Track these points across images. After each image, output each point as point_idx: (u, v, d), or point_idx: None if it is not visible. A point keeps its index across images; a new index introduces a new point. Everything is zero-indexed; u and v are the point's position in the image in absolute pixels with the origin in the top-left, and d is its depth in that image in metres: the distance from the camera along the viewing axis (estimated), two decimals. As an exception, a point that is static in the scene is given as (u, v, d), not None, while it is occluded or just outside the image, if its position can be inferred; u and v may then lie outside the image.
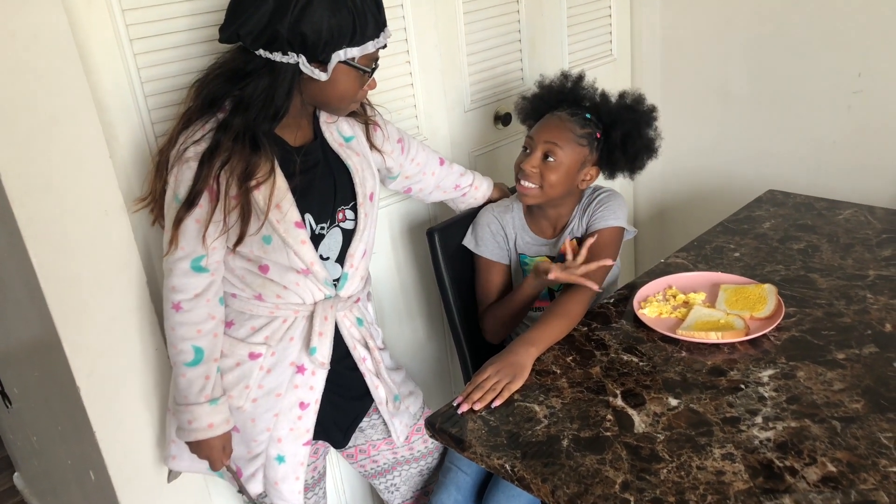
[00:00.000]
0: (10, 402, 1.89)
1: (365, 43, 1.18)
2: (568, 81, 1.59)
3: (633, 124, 1.51)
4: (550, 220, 1.60)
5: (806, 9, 2.00)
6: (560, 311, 1.38)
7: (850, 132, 2.04)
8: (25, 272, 1.25)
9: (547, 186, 1.50)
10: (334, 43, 1.15)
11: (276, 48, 1.15)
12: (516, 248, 1.62)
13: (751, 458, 1.03)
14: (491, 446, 1.12)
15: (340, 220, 1.32)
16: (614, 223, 1.52)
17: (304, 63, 1.16)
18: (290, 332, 1.30)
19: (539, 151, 1.50)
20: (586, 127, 1.51)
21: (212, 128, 1.20)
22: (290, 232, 1.23)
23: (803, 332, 1.31)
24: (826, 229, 1.68)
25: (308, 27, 1.12)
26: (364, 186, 1.34)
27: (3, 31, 1.10)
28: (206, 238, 1.20)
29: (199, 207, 1.19)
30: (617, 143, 1.51)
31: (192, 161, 1.18)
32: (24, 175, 1.17)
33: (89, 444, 1.39)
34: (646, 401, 1.18)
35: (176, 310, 1.22)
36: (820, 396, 1.14)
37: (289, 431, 1.33)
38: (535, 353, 1.31)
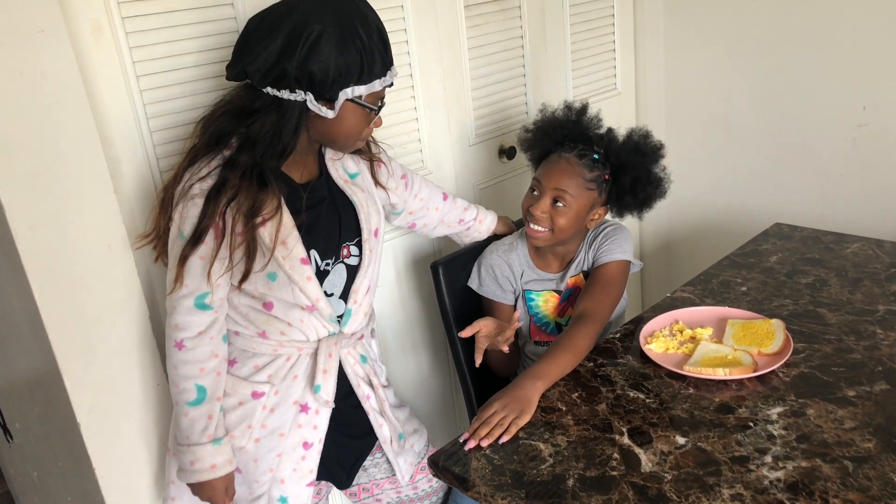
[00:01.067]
0: (11, 437, 1.87)
1: (372, 81, 1.18)
2: (572, 113, 1.58)
3: (642, 168, 1.50)
4: (557, 255, 1.60)
5: (810, 43, 2.01)
6: (567, 344, 1.37)
7: (856, 165, 2.03)
8: (28, 306, 1.25)
9: (557, 230, 1.50)
10: (342, 81, 1.15)
11: (284, 86, 1.15)
12: (522, 285, 1.61)
13: (760, 498, 1.01)
14: (495, 486, 1.10)
15: (345, 256, 1.32)
16: (620, 257, 1.51)
17: (312, 101, 1.17)
18: (294, 371, 1.29)
19: (548, 197, 1.49)
20: (595, 170, 1.50)
21: (218, 165, 1.19)
22: (295, 268, 1.23)
23: (812, 368, 1.29)
24: (834, 263, 1.66)
25: (316, 66, 1.13)
26: (369, 222, 1.34)
27: (11, 67, 1.11)
28: (211, 275, 1.19)
29: (204, 244, 1.18)
30: (626, 188, 1.51)
31: (198, 198, 1.18)
32: (28, 209, 1.17)
33: (88, 481, 1.37)
34: (653, 439, 1.16)
35: (179, 348, 1.21)
36: (830, 435, 1.12)
37: (292, 472, 1.30)
38: (542, 388, 1.29)
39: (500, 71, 1.94)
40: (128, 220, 1.31)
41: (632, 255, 1.54)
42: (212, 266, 1.19)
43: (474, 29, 1.84)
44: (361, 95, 1.19)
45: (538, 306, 1.61)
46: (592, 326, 1.40)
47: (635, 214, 1.57)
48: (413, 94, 1.74)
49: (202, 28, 1.36)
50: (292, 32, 1.12)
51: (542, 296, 1.60)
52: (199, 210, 1.18)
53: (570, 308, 1.58)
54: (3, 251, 1.24)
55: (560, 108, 1.60)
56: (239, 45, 1.19)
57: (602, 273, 1.50)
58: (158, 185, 1.37)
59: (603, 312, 1.44)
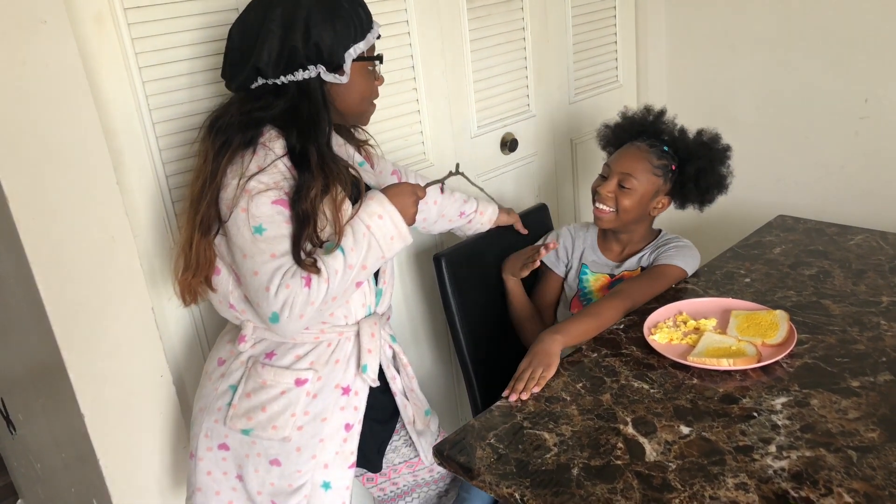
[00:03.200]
0: (14, 429, 1.88)
1: (366, 36, 1.23)
2: (650, 115, 1.68)
3: (708, 160, 1.59)
4: (621, 243, 1.67)
5: (813, 36, 2.00)
6: (593, 310, 1.43)
7: (859, 157, 2.03)
8: (31, 298, 1.25)
9: (621, 211, 1.58)
10: (343, 44, 1.20)
11: (297, 66, 1.18)
12: (581, 258, 1.69)
13: (765, 487, 1.01)
14: (500, 474, 1.10)
15: None
16: (680, 264, 1.58)
17: (325, 72, 1.20)
18: (336, 355, 1.29)
19: (615, 179, 1.58)
20: (663, 158, 1.59)
21: (273, 158, 1.17)
22: None
23: (816, 359, 1.29)
24: (838, 255, 1.66)
25: (319, 38, 1.17)
26: None
27: (14, 59, 1.11)
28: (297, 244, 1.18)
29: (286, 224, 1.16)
30: (690, 177, 1.59)
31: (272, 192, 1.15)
32: (31, 201, 1.17)
33: (93, 472, 1.37)
34: (657, 429, 1.16)
35: (308, 287, 1.15)
36: (835, 425, 1.12)
37: (335, 455, 1.30)
38: (562, 342, 1.36)
39: (502, 63, 1.94)
40: (130, 212, 1.31)
41: (691, 270, 1.60)
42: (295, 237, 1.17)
43: (476, 21, 1.84)
44: (363, 52, 1.24)
45: (587, 282, 1.67)
46: (622, 302, 1.46)
47: (696, 206, 1.64)
48: (415, 87, 1.74)
49: (204, 19, 1.36)
50: (286, 20, 1.16)
51: (595, 275, 1.68)
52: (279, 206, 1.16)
53: None
54: (7, 243, 1.24)
55: (640, 110, 1.70)
56: (234, 55, 1.21)
57: (656, 268, 1.57)
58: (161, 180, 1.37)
59: (638, 295, 1.50)
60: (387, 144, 1.70)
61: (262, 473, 1.27)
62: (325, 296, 1.17)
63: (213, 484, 1.29)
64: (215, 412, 1.27)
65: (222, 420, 1.26)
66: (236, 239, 1.17)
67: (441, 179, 1.45)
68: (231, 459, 1.28)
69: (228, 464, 1.28)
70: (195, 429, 1.30)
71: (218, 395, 1.28)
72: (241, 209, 1.15)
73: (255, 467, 1.27)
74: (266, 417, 1.25)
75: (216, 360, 1.32)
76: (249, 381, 1.26)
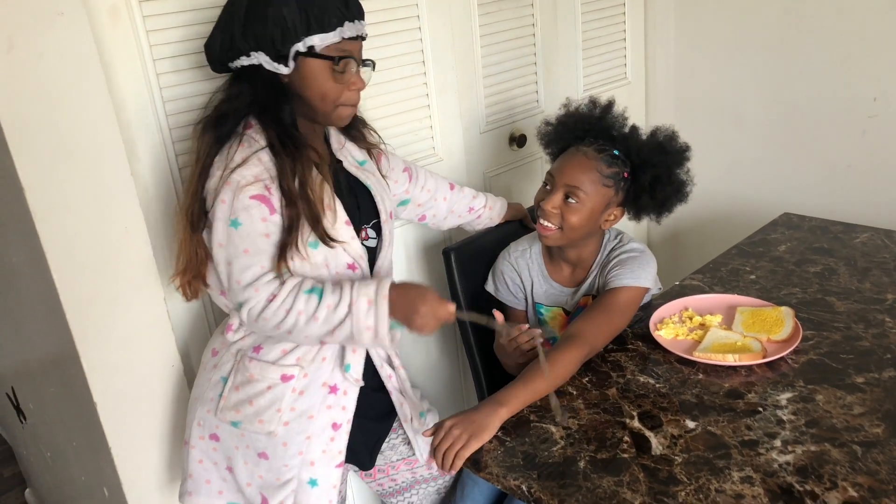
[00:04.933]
0: (24, 418, 1.89)
1: (324, 32, 1.16)
2: (596, 108, 1.50)
3: (664, 167, 1.41)
4: (571, 262, 1.52)
5: (821, 34, 2.01)
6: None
7: (866, 156, 2.03)
8: (46, 288, 1.26)
9: (567, 228, 1.41)
10: (290, 35, 1.15)
11: (240, 53, 1.18)
12: (533, 296, 1.56)
13: (770, 481, 1.02)
14: (507, 467, 1.12)
15: (363, 238, 1.32)
16: (630, 283, 1.39)
17: (268, 60, 1.17)
18: (322, 353, 1.28)
19: (560, 192, 1.41)
20: (613, 166, 1.41)
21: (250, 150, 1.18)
22: (340, 231, 1.24)
23: (821, 355, 1.30)
24: (843, 252, 1.67)
25: (258, 25, 1.14)
26: (384, 204, 1.36)
27: (31, 51, 1.13)
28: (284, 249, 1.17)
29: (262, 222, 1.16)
30: (645, 187, 1.42)
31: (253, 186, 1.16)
32: (47, 192, 1.19)
33: (104, 461, 1.39)
34: (663, 423, 1.17)
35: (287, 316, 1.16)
36: (839, 420, 1.13)
37: (321, 454, 1.30)
38: (505, 415, 1.20)
39: (511, 59, 1.94)
40: (143, 203, 1.32)
41: (649, 281, 1.42)
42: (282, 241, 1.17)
43: (486, 17, 1.84)
44: (314, 47, 1.17)
45: (546, 321, 1.57)
46: (578, 351, 1.30)
47: (653, 217, 1.47)
48: (425, 81, 1.75)
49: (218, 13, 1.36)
50: (230, 2, 1.18)
51: (551, 312, 1.56)
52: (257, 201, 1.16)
53: None
54: (22, 233, 1.26)
55: (584, 104, 1.52)
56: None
57: (607, 298, 1.39)
58: (175, 170, 1.38)
59: (596, 340, 1.34)
60: (396, 139, 1.71)
61: (250, 466, 1.29)
62: (279, 325, 1.16)
63: (204, 472, 1.31)
64: (208, 402, 1.29)
65: (213, 411, 1.28)
66: (215, 228, 1.17)
67: (488, 323, 1.28)
68: (221, 450, 1.30)
69: (219, 454, 1.30)
70: (189, 416, 1.32)
71: (210, 385, 1.29)
72: (221, 199, 1.16)
73: (245, 459, 1.28)
74: (253, 411, 1.26)
75: (211, 350, 1.33)
76: (238, 374, 1.27)
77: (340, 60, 1.20)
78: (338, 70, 1.20)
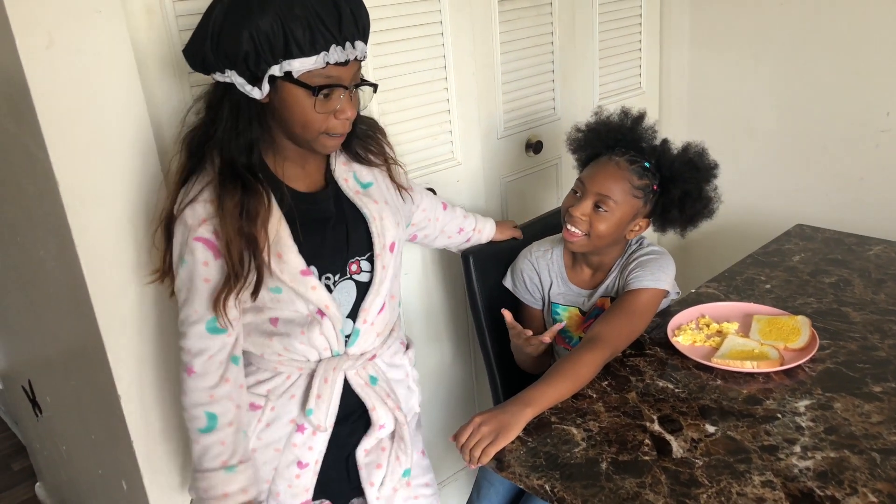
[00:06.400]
0: (40, 411, 1.91)
1: (306, 56, 1.03)
2: (628, 119, 1.51)
3: (695, 183, 1.43)
4: (592, 266, 1.54)
5: (836, 47, 2.03)
6: (568, 370, 1.28)
7: (878, 170, 2.06)
8: (73, 280, 1.28)
9: (595, 236, 1.43)
10: (264, 56, 1.03)
11: (212, 67, 1.08)
12: (550, 296, 1.58)
13: (791, 486, 1.04)
14: (530, 467, 1.13)
15: (354, 272, 1.24)
16: (650, 285, 1.41)
17: (238, 80, 1.06)
18: (292, 390, 1.24)
19: (591, 199, 1.43)
20: (644, 178, 1.43)
21: (206, 181, 1.13)
22: (297, 280, 1.16)
23: (838, 364, 1.32)
24: (857, 264, 1.69)
25: (227, 40, 1.03)
26: (383, 236, 1.24)
27: (70, 47, 1.14)
28: (218, 298, 1.13)
29: (203, 266, 1.13)
30: (675, 201, 1.44)
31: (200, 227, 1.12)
32: (80, 184, 1.20)
33: (125, 453, 1.40)
34: (683, 427, 1.19)
35: (188, 374, 1.17)
36: (858, 428, 1.15)
37: (287, 488, 1.27)
38: (531, 415, 1.22)
39: (529, 66, 1.97)
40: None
41: (668, 284, 1.44)
42: (220, 289, 1.13)
43: (507, 24, 1.87)
44: (291, 73, 1.05)
45: (561, 319, 1.58)
46: (601, 354, 1.31)
47: (678, 231, 1.50)
48: (446, 87, 1.77)
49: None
50: (208, 9, 1.07)
51: (568, 311, 1.57)
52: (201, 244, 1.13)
53: None
54: (52, 227, 1.28)
55: (616, 113, 1.53)
56: None
57: (627, 300, 1.41)
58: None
59: (617, 341, 1.36)
60: (416, 143, 1.73)
61: None
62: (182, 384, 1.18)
63: None
64: None
65: None
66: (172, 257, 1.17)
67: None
68: None
69: None
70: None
71: None
72: (175, 234, 1.14)
73: None
74: None
75: None
76: None
77: (321, 90, 1.07)
78: (324, 97, 1.08)
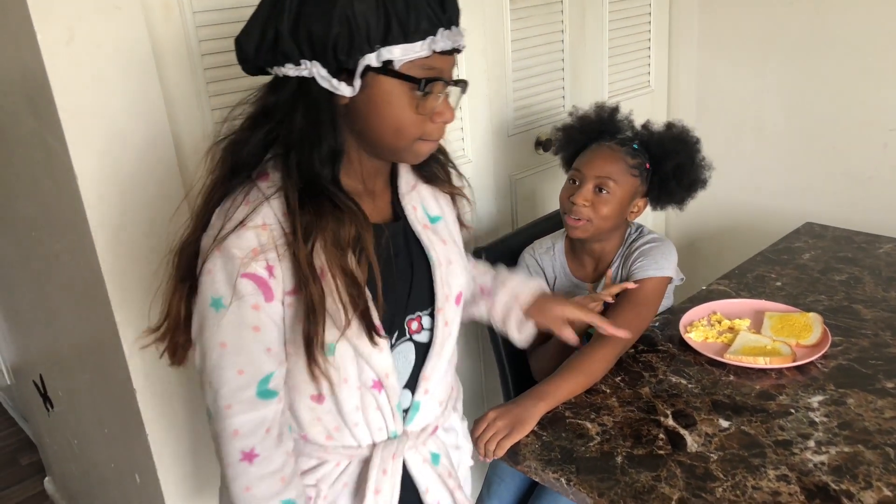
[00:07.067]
0: (51, 406, 1.91)
1: (410, 42, 0.84)
2: (604, 112, 1.57)
3: (686, 154, 1.48)
4: (594, 256, 1.56)
5: (844, 46, 2.03)
6: (581, 366, 1.31)
7: (886, 170, 2.06)
8: (91, 274, 1.29)
9: (599, 219, 1.46)
10: (359, 42, 0.83)
11: (285, 57, 0.86)
12: (554, 291, 1.59)
13: (806, 480, 1.05)
14: (545, 461, 1.14)
15: (414, 330, 1.02)
16: (655, 274, 1.44)
17: (323, 73, 0.85)
18: (344, 478, 1.02)
19: (591, 184, 1.46)
20: (637, 157, 1.48)
21: (258, 200, 0.88)
22: (363, 337, 0.91)
23: (850, 360, 1.33)
24: (867, 262, 1.69)
25: (315, 21, 0.83)
26: (449, 286, 1.02)
27: (90, 42, 1.15)
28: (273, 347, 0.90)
29: (253, 310, 0.88)
30: (670, 174, 1.48)
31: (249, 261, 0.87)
32: (98, 179, 1.21)
33: (139, 447, 1.41)
34: (697, 421, 1.20)
35: (249, 461, 0.90)
36: (872, 423, 1.16)
37: None
38: (544, 409, 1.23)
39: (540, 65, 1.97)
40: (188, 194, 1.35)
41: (672, 271, 1.47)
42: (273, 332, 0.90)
43: (518, 22, 1.87)
44: (393, 62, 0.84)
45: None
46: (613, 348, 1.33)
47: (676, 205, 1.53)
48: (458, 84, 1.78)
49: (266, 10, 1.39)
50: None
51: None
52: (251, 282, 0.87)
53: None
54: (69, 219, 1.29)
55: (591, 109, 1.59)
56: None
57: (634, 290, 1.42)
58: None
59: (632, 328, 1.35)
60: (428, 139, 1.73)
61: None
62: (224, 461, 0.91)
63: None
64: None
65: None
66: (198, 298, 0.90)
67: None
68: None
69: None
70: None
71: None
72: (207, 269, 0.87)
73: None
74: None
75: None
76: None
77: (427, 83, 0.86)
78: (423, 94, 0.87)
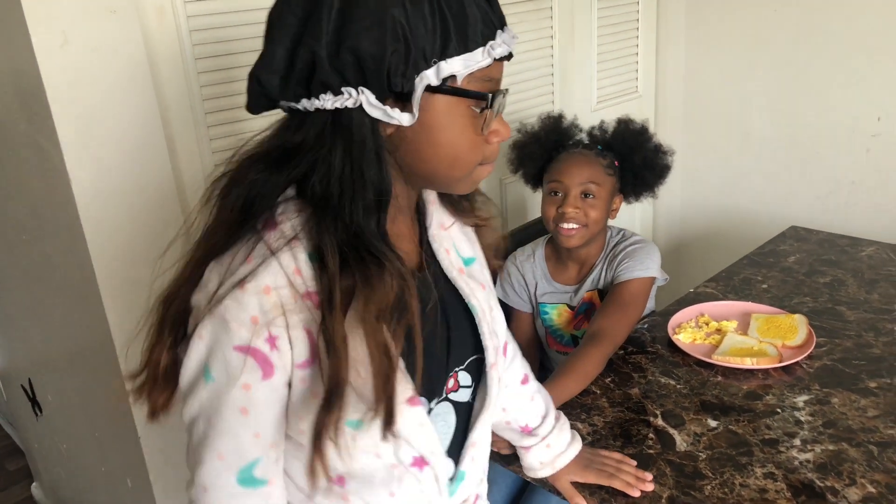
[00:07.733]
0: (40, 410, 1.91)
1: (471, 50, 0.69)
2: (550, 121, 1.61)
3: (650, 144, 1.54)
4: (578, 261, 1.58)
5: (829, 52, 2.07)
6: (574, 369, 1.31)
7: (869, 174, 2.10)
8: (83, 277, 1.29)
9: (591, 223, 1.49)
10: (416, 58, 0.67)
11: (322, 87, 0.69)
12: (536, 297, 1.62)
13: (792, 477, 1.07)
14: (537, 460, 1.15)
15: (451, 388, 0.86)
16: (640, 274, 1.46)
17: (372, 101, 0.69)
18: None
19: (576, 191, 1.48)
20: (606, 157, 1.52)
21: (264, 255, 0.71)
22: (401, 411, 0.74)
23: (835, 360, 1.35)
24: (850, 265, 1.72)
25: (362, 38, 0.66)
26: (497, 336, 0.89)
27: (86, 45, 1.16)
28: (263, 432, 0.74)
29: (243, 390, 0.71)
30: (640, 166, 1.53)
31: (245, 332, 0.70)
32: (92, 180, 1.22)
33: (131, 450, 1.41)
34: (685, 421, 1.21)
35: None
36: (855, 422, 1.18)
37: None
38: None
39: (530, 69, 2.00)
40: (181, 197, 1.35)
41: (657, 271, 1.49)
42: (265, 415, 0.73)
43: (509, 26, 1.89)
44: (456, 77, 0.69)
45: (552, 319, 1.61)
46: (604, 349, 1.35)
47: (650, 193, 1.57)
48: (448, 88, 1.79)
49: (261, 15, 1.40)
50: (308, 6, 0.68)
51: (556, 309, 1.60)
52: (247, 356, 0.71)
53: (585, 322, 1.57)
54: (62, 222, 1.29)
55: (538, 121, 1.62)
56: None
57: (620, 291, 1.45)
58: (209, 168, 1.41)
59: (618, 334, 1.39)
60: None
61: None
62: None
63: None
64: None
65: None
66: (185, 361, 0.73)
67: None
68: None
69: None
70: None
71: None
72: (199, 334, 0.71)
73: None
74: None
75: None
76: None
77: (494, 98, 0.73)
78: (482, 110, 0.73)
